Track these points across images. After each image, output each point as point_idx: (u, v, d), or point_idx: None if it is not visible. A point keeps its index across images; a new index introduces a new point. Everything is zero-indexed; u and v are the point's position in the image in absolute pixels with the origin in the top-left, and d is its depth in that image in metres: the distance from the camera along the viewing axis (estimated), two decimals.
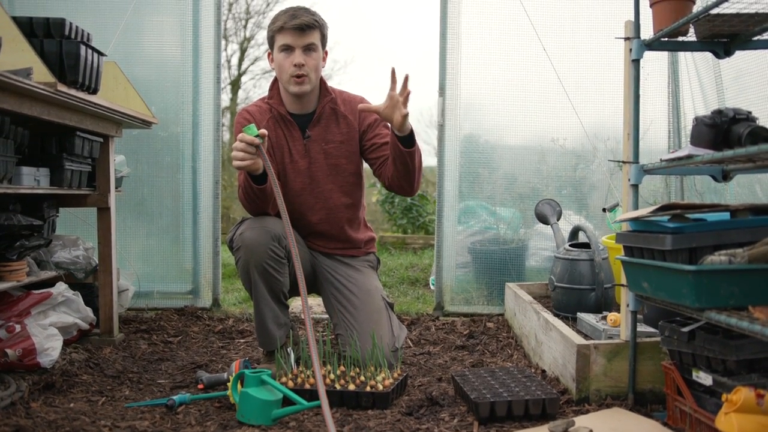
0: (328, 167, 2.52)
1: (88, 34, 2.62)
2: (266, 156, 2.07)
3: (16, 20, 2.32)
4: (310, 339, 1.78)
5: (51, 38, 2.41)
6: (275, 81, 2.53)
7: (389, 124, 2.31)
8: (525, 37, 3.48)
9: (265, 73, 12.26)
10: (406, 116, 2.22)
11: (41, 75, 2.22)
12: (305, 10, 2.41)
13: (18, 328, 2.35)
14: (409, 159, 2.32)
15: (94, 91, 2.58)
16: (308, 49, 2.39)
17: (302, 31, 2.36)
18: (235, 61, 12.12)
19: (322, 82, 2.53)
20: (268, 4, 12.18)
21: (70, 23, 2.48)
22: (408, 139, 2.29)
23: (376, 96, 2.57)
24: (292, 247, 1.91)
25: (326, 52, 2.51)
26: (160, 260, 3.67)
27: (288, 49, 2.39)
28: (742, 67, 2.89)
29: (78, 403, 2.10)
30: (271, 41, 2.45)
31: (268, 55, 2.50)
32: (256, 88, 12.65)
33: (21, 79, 2.01)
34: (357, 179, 2.59)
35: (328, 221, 2.53)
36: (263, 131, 2.10)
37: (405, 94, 2.21)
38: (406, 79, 2.21)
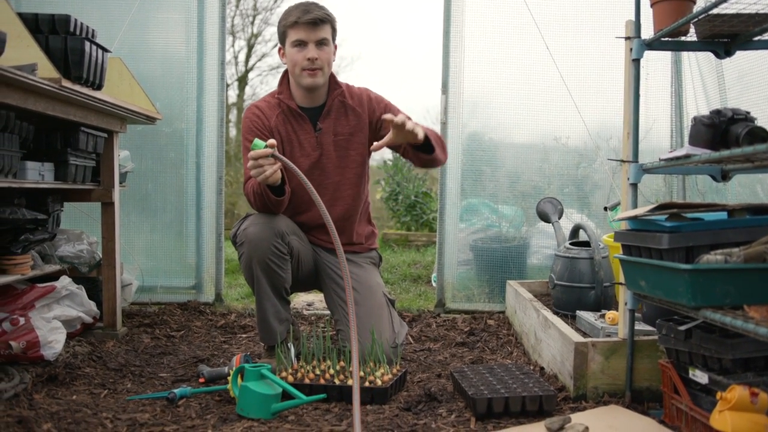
0: (338, 159, 2.54)
1: (93, 30, 2.64)
2: (285, 158, 2.07)
3: (22, 16, 2.34)
4: (353, 337, 1.78)
5: (56, 34, 2.42)
6: (284, 75, 2.55)
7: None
8: (528, 35, 3.47)
9: (272, 69, 12.30)
10: (415, 133, 2.24)
11: (46, 71, 2.24)
12: (316, 5, 2.44)
13: (22, 320, 2.38)
14: (430, 162, 2.47)
15: (99, 87, 2.60)
16: (321, 43, 2.42)
17: (315, 25, 2.39)
18: (242, 57, 12.16)
19: (331, 76, 2.54)
20: (275, 1, 12.21)
21: (75, 20, 2.50)
22: (425, 146, 2.38)
23: (381, 91, 2.60)
24: (337, 247, 1.85)
25: (336, 46, 2.53)
26: (163, 255, 3.69)
27: (301, 44, 2.41)
28: (745, 67, 2.88)
29: (80, 396, 2.13)
30: (282, 36, 2.47)
31: (279, 50, 2.51)
32: (263, 85, 12.70)
33: (26, 75, 2.03)
34: (363, 171, 2.60)
35: (334, 212, 2.54)
36: (271, 141, 2.08)
37: (402, 123, 2.20)
38: (403, 121, 2.20)
